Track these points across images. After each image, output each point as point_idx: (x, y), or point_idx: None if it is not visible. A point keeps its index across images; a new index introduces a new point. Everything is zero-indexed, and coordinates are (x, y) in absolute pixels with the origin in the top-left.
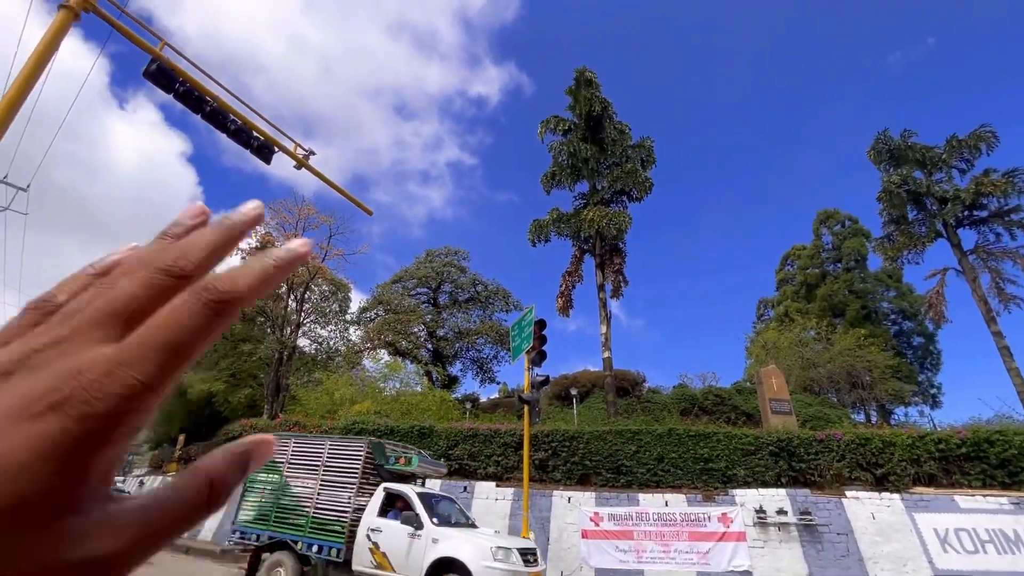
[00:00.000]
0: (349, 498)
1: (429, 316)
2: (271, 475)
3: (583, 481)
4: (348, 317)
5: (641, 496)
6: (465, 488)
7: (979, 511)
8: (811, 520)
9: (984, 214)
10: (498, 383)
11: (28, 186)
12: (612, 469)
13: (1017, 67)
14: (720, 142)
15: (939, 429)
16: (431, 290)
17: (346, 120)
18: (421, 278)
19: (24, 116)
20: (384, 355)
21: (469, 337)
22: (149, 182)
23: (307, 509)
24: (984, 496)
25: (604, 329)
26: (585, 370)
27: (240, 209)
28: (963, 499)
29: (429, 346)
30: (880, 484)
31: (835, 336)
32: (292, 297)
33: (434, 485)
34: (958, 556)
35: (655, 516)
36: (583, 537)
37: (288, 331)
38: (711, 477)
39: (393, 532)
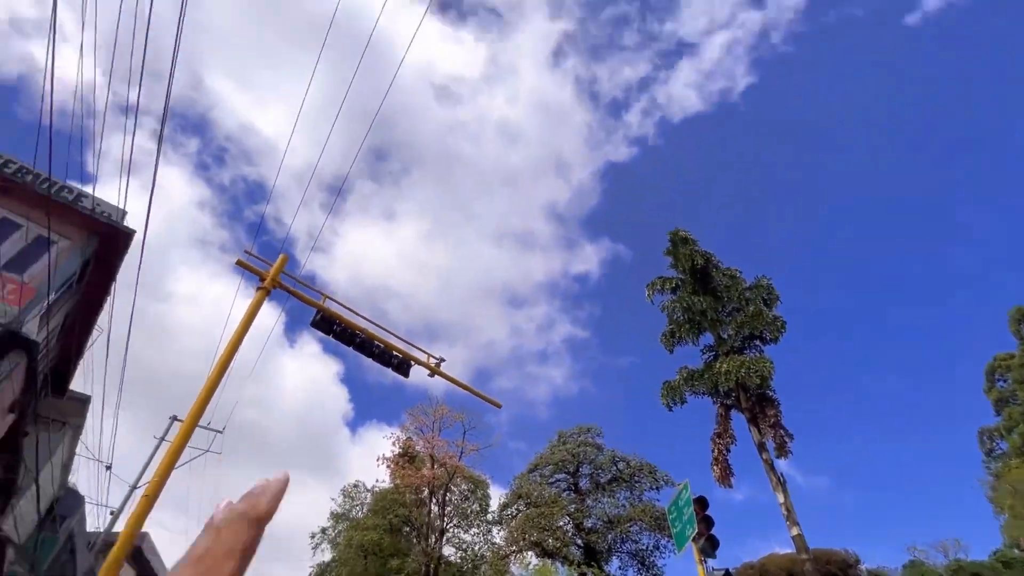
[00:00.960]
0: None
1: (573, 505)
2: None
3: None
4: (490, 517)
5: None
6: None
7: None
8: None
9: None
10: None
11: (223, 429)
12: None
13: None
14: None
15: None
16: (570, 475)
17: (465, 322)
18: (557, 463)
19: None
20: (532, 558)
21: (621, 525)
22: (310, 405)
23: None
24: None
25: (781, 498)
26: (772, 555)
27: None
28: None
29: (579, 541)
30: None
31: None
32: (434, 501)
33: None
34: None
35: None
36: None
37: (433, 540)
38: None
39: None
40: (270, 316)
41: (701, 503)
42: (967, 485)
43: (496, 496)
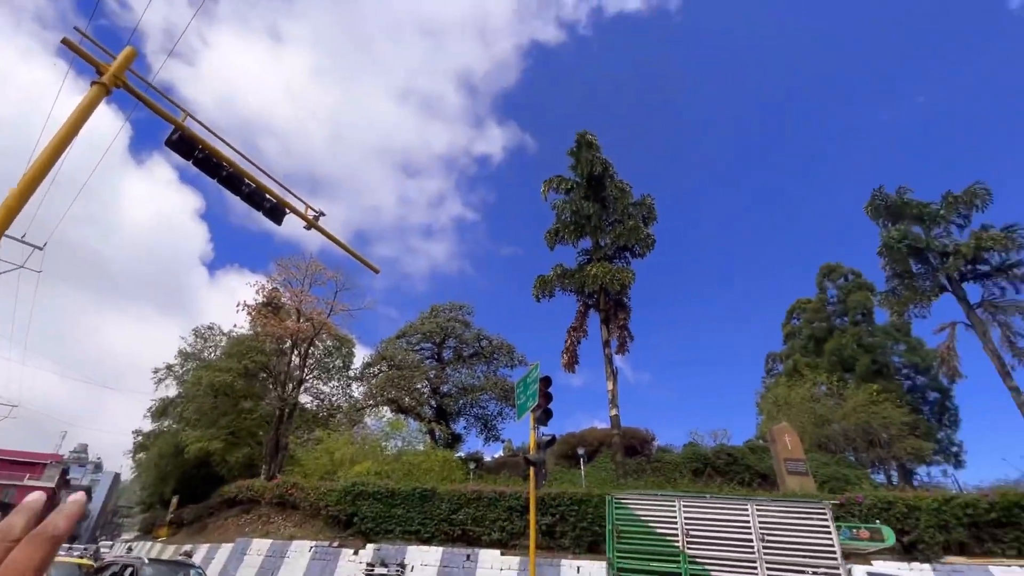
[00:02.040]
0: None
1: (433, 372)
2: (658, 559)
3: (593, 549)
4: (351, 373)
5: None
6: (468, 557)
7: None
8: None
9: (987, 268)
10: (503, 441)
11: (44, 245)
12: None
13: (1005, 123)
14: (720, 202)
15: (965, 492)
16: (435, 345)
17: (353, 179)
18: (426, 333)
19: (46, 179)
20: (387, 412)
21: (473, 394)
22: (161, 237)
23: None
24: (1021, 567)
25: (611, 386)
26: (592, 428)
27: (30, 500)
28: (999, 570)
29: (433, 403)
30: (908, 552)
31: (847, 391)
32: (296, 353)
33: (435, 554)
34: None
35: None
36: None
37: (290, 387)
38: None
39: None
40: (110, 122)
41: (546, 381)
42: (746, 394)
43: (361, 356)
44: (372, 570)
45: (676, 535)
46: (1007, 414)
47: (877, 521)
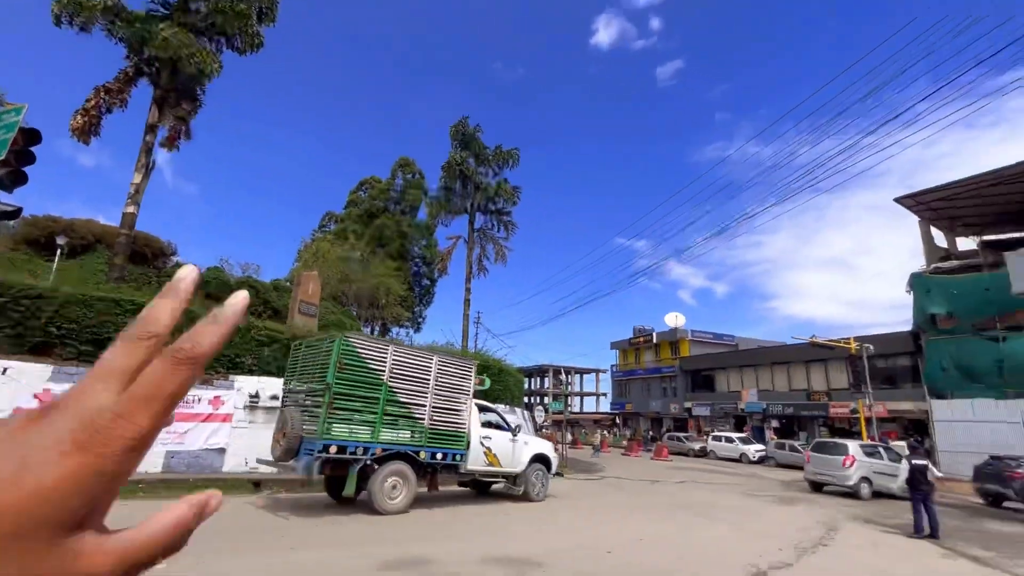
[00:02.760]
0: (465, 411)
1: None
2: (366, 387)
3: (40, 351)
4: None
5: None
6: None
7: None
8: None
9: (494, 208)
10: None
11: None
12: (92, 341)
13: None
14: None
15: (410, 346)
16: None
17: None
18: None
19: None
20: None
21: None
22: None
23: (422, 420)
24: None
25: (138, 179)
26: (90, 220)
27: (182, 275)
28: None
29: None
30: None
31: (374, 262)
32: None
33: None
34: None
35: None
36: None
37: None
38: (217, 362)
39: (499, 438)
40: None
41: (31, 135)
42: (294, 240)
43: None
44: None
45: (383, 371)
46: (457, 303)
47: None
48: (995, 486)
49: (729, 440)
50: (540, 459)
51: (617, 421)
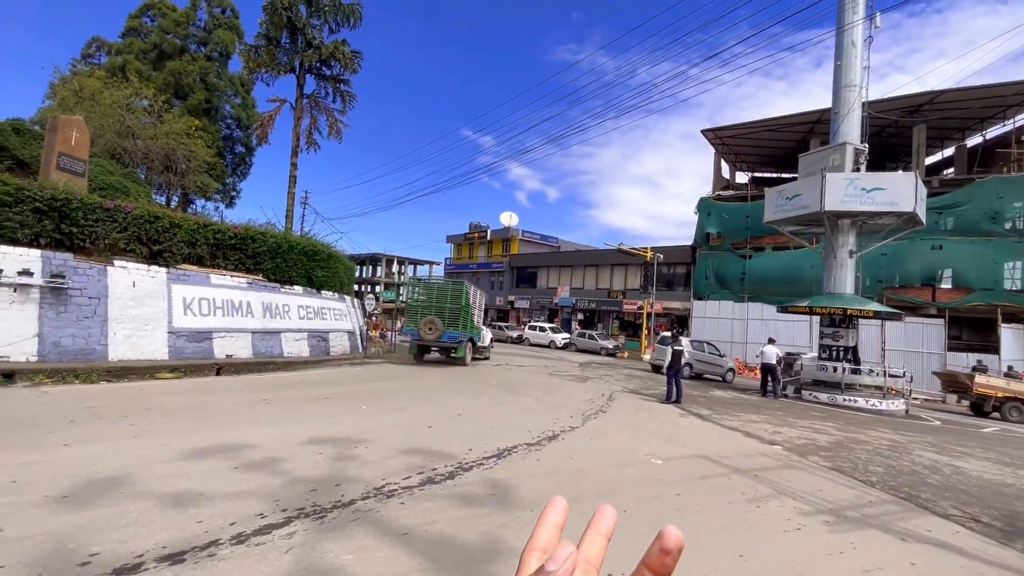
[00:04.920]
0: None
1: None
2: (467, 308)
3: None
4: None
5: None
6: None
7: (223, 287)
8: (63, 283)
9: (328, 72)
10: None
11: None
12: None
13: None
14: None
15: (222, 223)
16: None
17: None
18: None
19: None
20: None
21: None
22: None
23: (474, 321)
24: (231, 276)
25: None
26: None
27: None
28: (215, 277)
29: None
30: (154, 258)
31: (169, 116)
32: None
33: None
34: (194, 318)
35: None
36: None
37: None
38: None
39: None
40: None
41: None
42: (43, 69)
43: None
44: None
45: (470, 298)
46: (283, 180)
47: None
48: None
49: (542, 329)
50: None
51: None
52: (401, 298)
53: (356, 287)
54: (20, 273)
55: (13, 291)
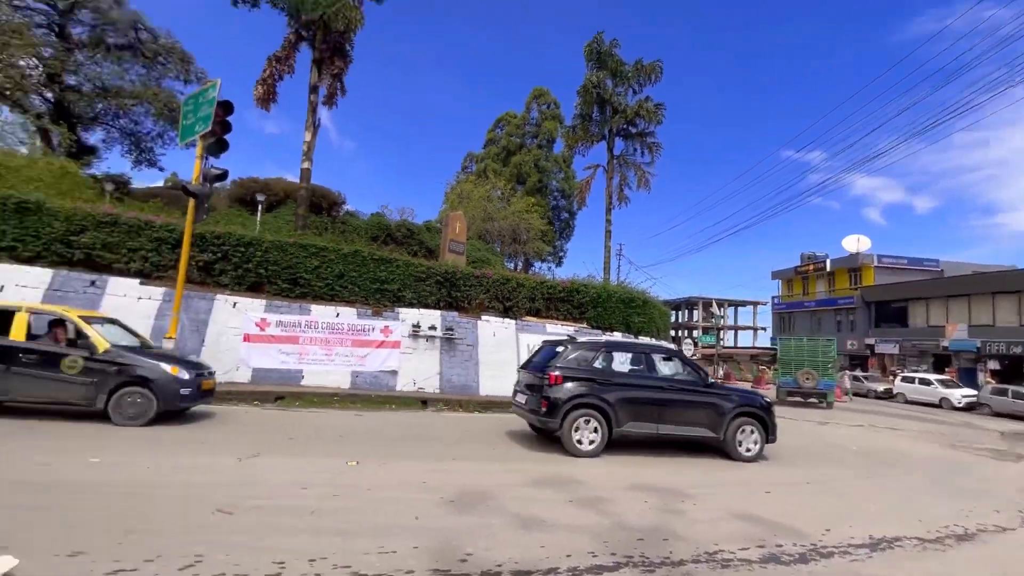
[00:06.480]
0: None
1: (51, 50)
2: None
3: (254, 288)
4: None
5: (314, 307)
6: (94, 283)
7: (556, 334)
8: (452, 335)
9: (634, 130)
10: (163, 170)
11: None
12: (290, 280)
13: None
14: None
15: (553, 279)
16: (55, 10)
17: None
18: None
19: None
20: None
21: (121, 99)
22: None
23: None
24: (561, 324)
25: (308, 137)
26: (280, 178)
27: None
28: (550, 325)
29: (49, 95)
30: (506, 312)
31: (514, 199)
32: None
33: (39, 276)
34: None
35: (324, 325)
36: (245, 341)
37: None
38: (383, 296)
39: None
40: None
41: (225, 107)
42: (441, 183)
43: None
44: None
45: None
46: (597, 235)
47: None
48: None
49: (925, 382)
50: None
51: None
52: (723, 342)
53: (672, 332)
54: (430, 328)
55: (427, 341)
